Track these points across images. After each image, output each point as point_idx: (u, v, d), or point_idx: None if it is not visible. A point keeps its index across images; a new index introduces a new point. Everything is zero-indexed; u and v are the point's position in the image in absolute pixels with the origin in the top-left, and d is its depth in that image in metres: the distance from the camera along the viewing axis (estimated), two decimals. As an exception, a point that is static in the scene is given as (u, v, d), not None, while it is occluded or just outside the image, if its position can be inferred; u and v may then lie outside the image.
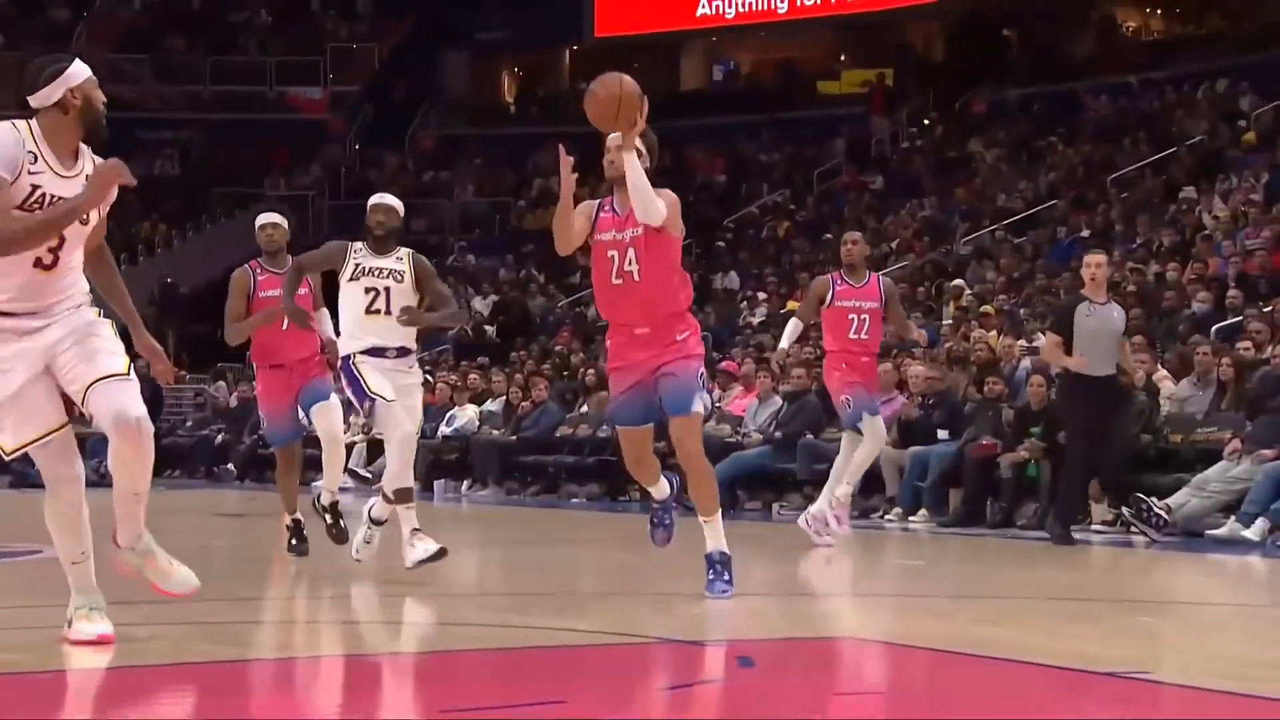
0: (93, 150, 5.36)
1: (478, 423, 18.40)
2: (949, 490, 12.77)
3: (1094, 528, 11.41)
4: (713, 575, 6.86)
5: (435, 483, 18.21)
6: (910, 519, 12.82)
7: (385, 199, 8.39)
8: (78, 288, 5.37)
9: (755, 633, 6.40)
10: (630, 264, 6.77)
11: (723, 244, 26.32)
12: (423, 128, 34.67)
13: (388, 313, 8.08)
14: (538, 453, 17.48)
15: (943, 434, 13.08)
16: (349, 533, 8.69)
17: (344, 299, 8.22)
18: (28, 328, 5.25)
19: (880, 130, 29.47)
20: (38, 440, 5.29)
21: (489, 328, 24.91)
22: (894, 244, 22.61)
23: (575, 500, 16.65)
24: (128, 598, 5.77)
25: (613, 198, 6.90)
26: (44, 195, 5.16)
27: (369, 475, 18.28)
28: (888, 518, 13.06)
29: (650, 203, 6.66)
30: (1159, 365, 12.64)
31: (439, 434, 18.36)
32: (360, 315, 8.12)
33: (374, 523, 8.27)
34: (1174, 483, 11.16)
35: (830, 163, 28.89)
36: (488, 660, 5.51)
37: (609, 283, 6.86)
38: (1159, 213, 19.78)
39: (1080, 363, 10.39)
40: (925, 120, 29.54)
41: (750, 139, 31.00)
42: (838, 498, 10.39)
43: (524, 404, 18.00)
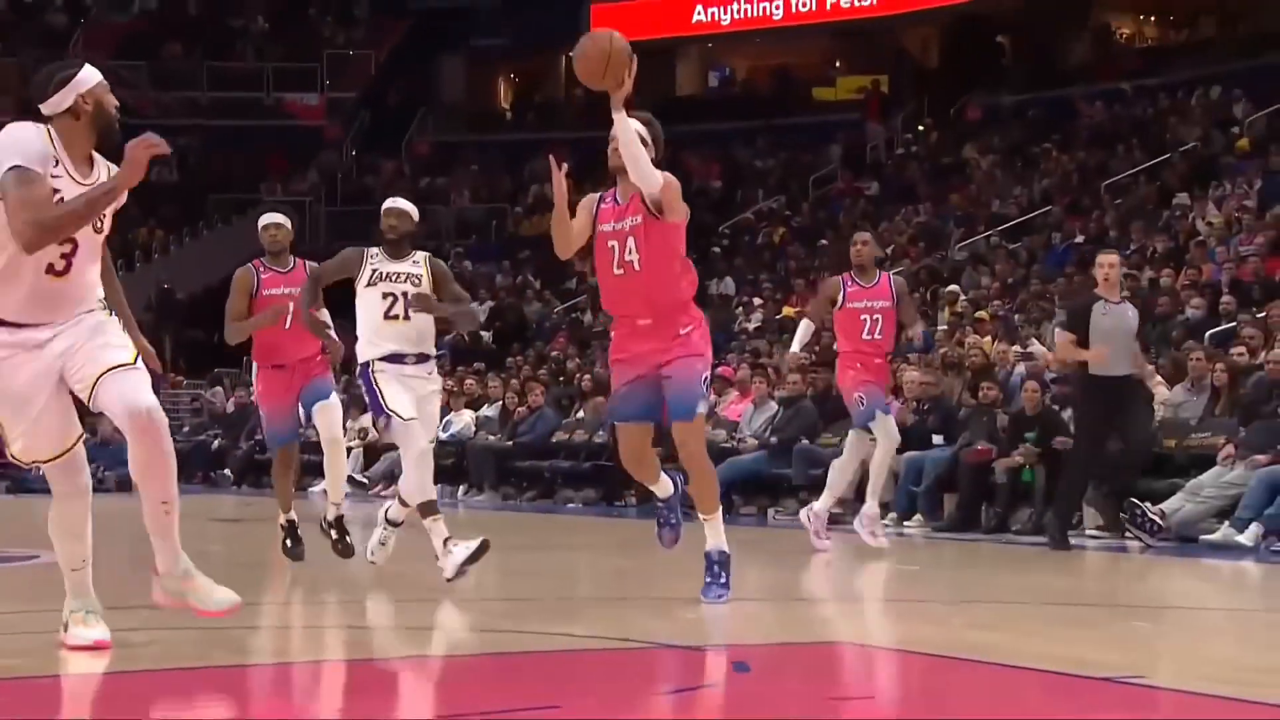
0: (105, 156, 5.29)
1: (474, 428, 18.39)
2: (944, 495, 12.77)
3: (1089, 532, 11.43)
4: (710, 578, 6.86)
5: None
6: (905, 524, 12.81)
7: (398, 203, 8.29)
8: (92, 300, 5.25)
9: (751, 637, 6.40)
10: (630, 253, 6.75)
11: (718, 250, 26.30)
12: (419, 134, 34.64)
13: (406, 318, 8.01)
14: (534, 458, 17.48)
15: (937, 439, 13.07)
16: (354, 548, 8.71)
17: (361, 305, 8.11)
18: (35, 340, 5.13)
19: (875, 136, 29.48)
20: (51, 460, 5.25)
21: (485, 333, 24.91)
22: (889, 250, 22.62)
23: (571, 505, 16.65)
24: (124, 603, 5.78)
25: (615, 189, 6.88)
26: (62, 200, 5.07)
27: (365, 480, 18.31)
28: (883, 523, 13.04)
29: (643, 164, 6.57)
30: (1154, 371, 12.65)
31: (435, 439, 18.32)
32: (378, 321, 8.03)
33: (390, 524, 8.27)
34: (1168, 488, 11.14)
35: (825, 169, 28.92)
36: (482, 665, 5.52)
37: (611, 274, 6.85)
38: (1153, 219, 19.81)
39: (1100, 354, 10.18)
40: (920, 126, 29.59)
41: (746, 145, 31.00)
42: (867, 514, 10.37)
43: (520, 409, 17.99)
